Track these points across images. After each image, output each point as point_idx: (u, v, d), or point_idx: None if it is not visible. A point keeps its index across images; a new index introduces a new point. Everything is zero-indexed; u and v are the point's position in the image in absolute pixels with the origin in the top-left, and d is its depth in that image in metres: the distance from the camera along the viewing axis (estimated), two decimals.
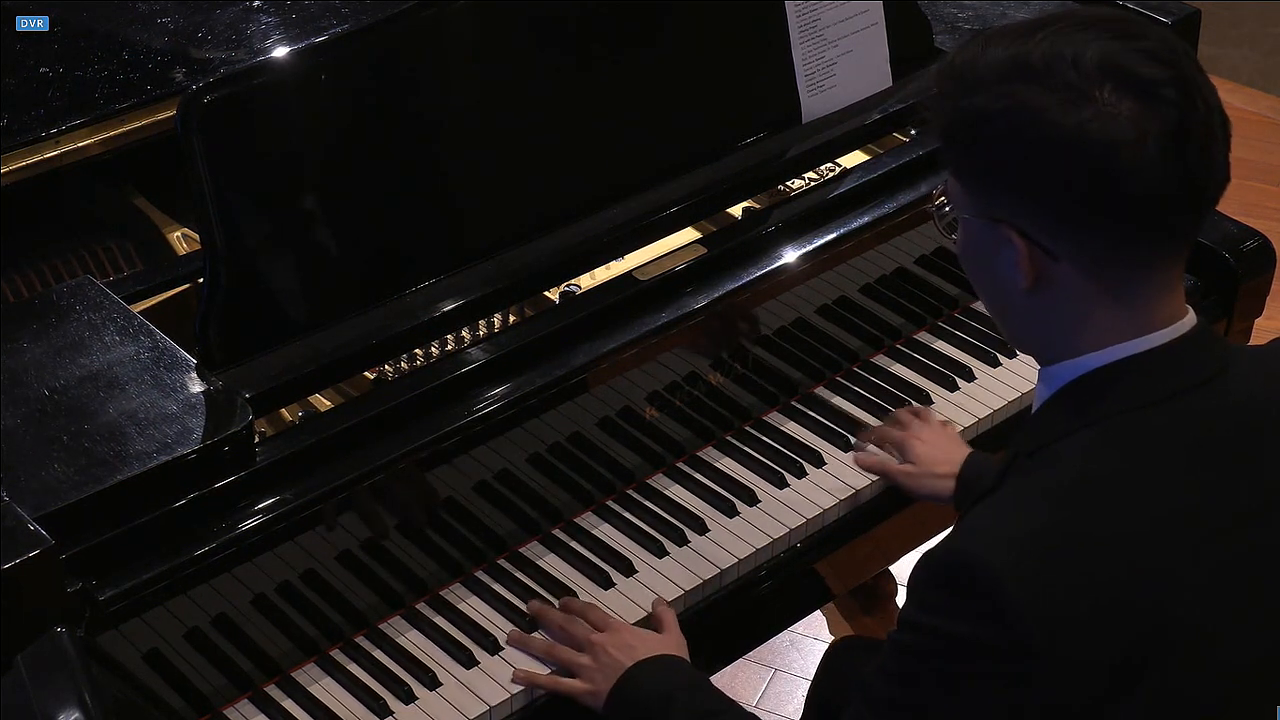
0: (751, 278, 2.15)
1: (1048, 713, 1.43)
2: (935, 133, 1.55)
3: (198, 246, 2.11)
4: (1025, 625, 1.40)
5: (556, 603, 1.98)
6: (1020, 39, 1.48)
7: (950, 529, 1.63)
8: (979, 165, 1.52)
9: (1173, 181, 1.45)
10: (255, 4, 2.39)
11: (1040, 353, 1.58)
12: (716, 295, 2.12)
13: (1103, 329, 1.51)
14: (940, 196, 1.64)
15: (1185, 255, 1.53)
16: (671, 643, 1.92)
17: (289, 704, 1.87)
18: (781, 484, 2.15)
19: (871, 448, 2.19)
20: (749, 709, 1.79)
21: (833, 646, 2.27)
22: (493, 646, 1.93)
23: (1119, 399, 1.50)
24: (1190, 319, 1.54)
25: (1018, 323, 1.58)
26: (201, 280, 1.90)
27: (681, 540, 2.07)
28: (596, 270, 2.13)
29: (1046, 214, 1.48)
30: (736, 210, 2.25)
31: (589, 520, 2.10)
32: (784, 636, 3.14)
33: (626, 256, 2.14)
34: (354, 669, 1.91)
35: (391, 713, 1.86)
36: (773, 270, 2.17)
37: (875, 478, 2.16)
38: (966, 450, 2.13)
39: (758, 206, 2.26)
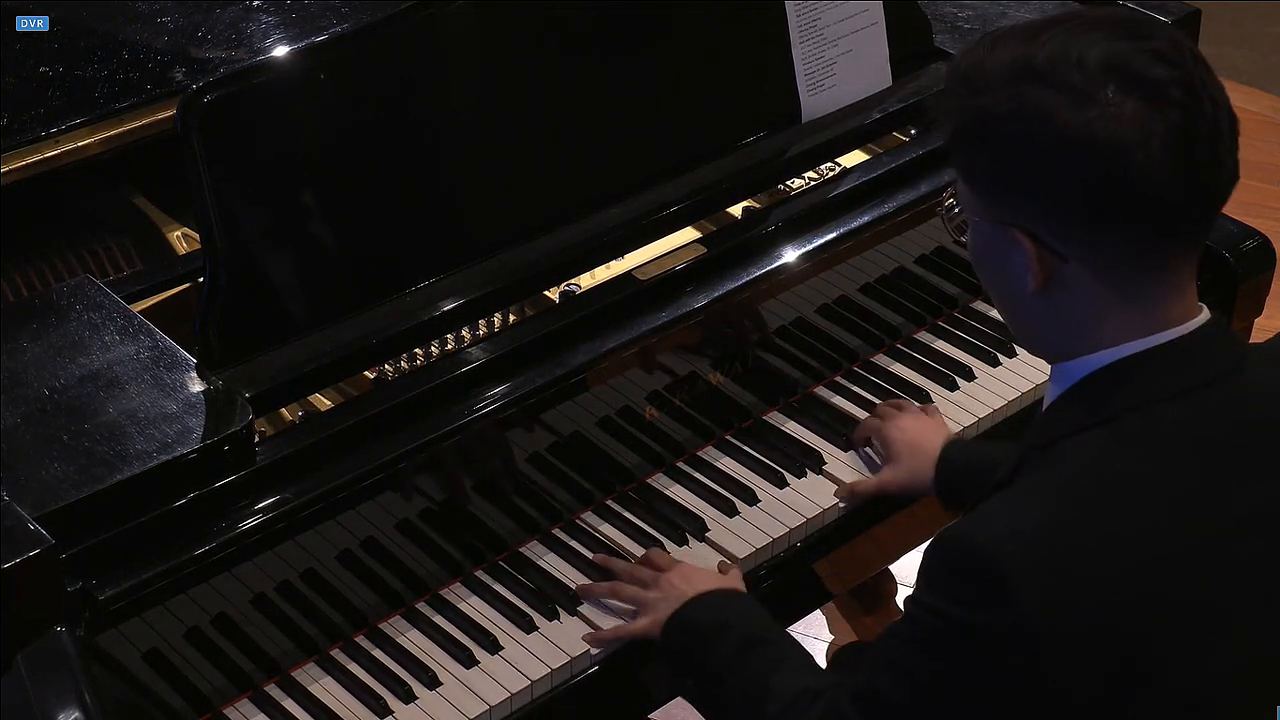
0: (751, 277, 2.15)
1: (1050, 705, 1.43)
2: (943, 136, 1.55)
3: (198, 246, 2.11)
4: (1028, 614, 1.40)
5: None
6: (1026, 40, 1.47)
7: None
8: (987, 168, 1.51)
9: (1179, 182, 1.44)
10: (255, 4, 2.39)
11: (1051, 353, 1.57)
12: (716, 295, 2.12)
13: (1113, 328, 1.51)
14: (950, 198, 1.64)
15: (1197, 255, 1.53)
16: (735, 583, 1.95)
17: (289, 704, 1.87)
18: (781, 484, 2.15)
19: (843, 470, 2.18)
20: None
21: (836, 651, 2.27)
22: (493, 646, 1.93)
23: (1130, 395, 1.50)
24: (1204, 316, 1.54)
25: (1028, 324, 1.57)
26: (201, 280, 1.90)
27: (681, 540, 2.07)
28: (596, 270, 2.13)
29: (1054, 216, 1.48)
30: (736, 210, 2.25)
31: (589, 520, 2.10)
32: None
33: (626, 256, 2.14)
34: (354, 669, 1.91)
35: (391, 712, 1.86)
36: (773, 270, 2.17)
37: (875, 477, 2.16)
38: (944, 435, 2.12)
39: (758, 206, 2.26)
